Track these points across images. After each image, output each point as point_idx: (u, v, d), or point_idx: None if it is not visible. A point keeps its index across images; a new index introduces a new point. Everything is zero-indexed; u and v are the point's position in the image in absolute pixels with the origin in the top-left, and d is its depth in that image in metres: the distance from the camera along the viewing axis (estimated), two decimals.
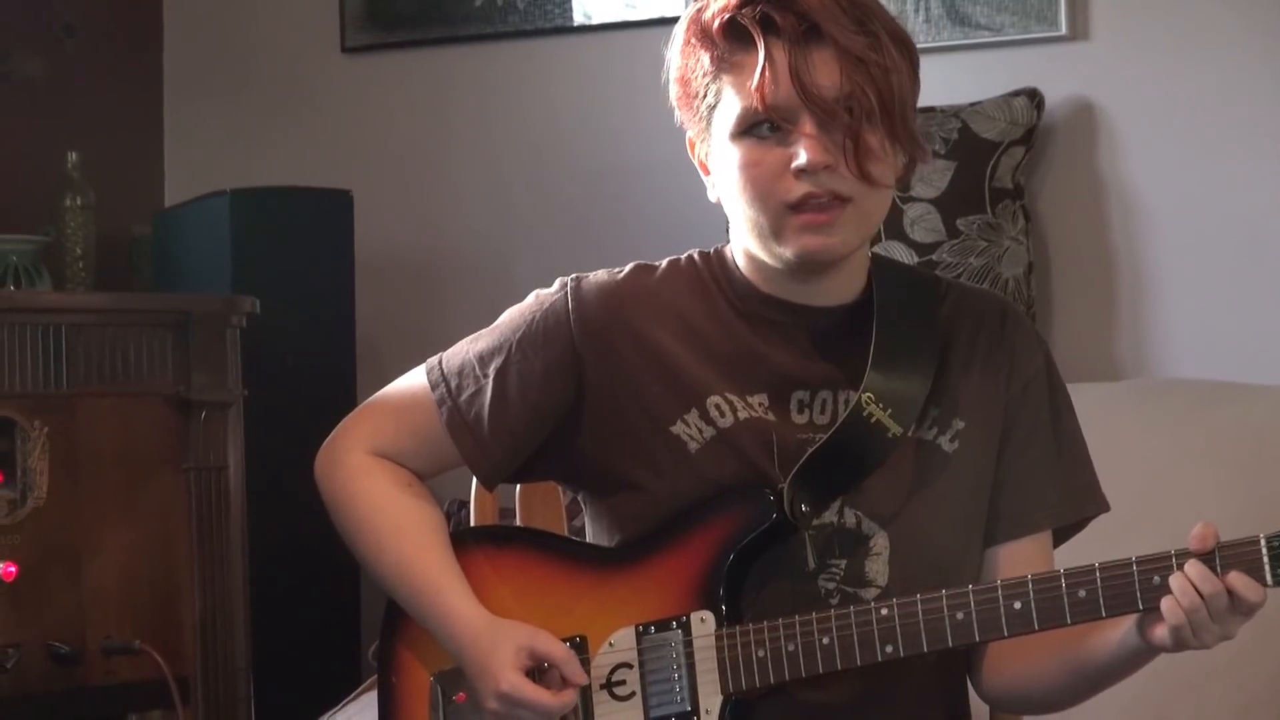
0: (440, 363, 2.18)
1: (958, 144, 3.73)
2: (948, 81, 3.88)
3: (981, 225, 3.73)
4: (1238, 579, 1.83)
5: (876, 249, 3.63)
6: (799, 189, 1.97)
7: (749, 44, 1.97)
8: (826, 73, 1.95)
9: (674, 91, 2.08)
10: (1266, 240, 3.73)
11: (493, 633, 2.04)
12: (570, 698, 2.02)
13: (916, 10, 3.93)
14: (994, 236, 3.73)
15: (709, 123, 2.04)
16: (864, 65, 1.94)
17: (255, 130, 4.62)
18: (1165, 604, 1.85)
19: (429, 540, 2.14)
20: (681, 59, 2.05)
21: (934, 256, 3.71)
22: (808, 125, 1.96)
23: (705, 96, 2.03)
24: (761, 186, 2.00)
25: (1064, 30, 3.85)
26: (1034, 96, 3.79)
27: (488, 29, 4.39)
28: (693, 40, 2.03)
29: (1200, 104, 3.77)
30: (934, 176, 3.73)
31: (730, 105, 2.00)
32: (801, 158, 1.96)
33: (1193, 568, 1.85)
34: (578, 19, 4.31)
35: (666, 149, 4.04)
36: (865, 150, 1.95)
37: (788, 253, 2.02)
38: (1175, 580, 1.85)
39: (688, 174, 2.16)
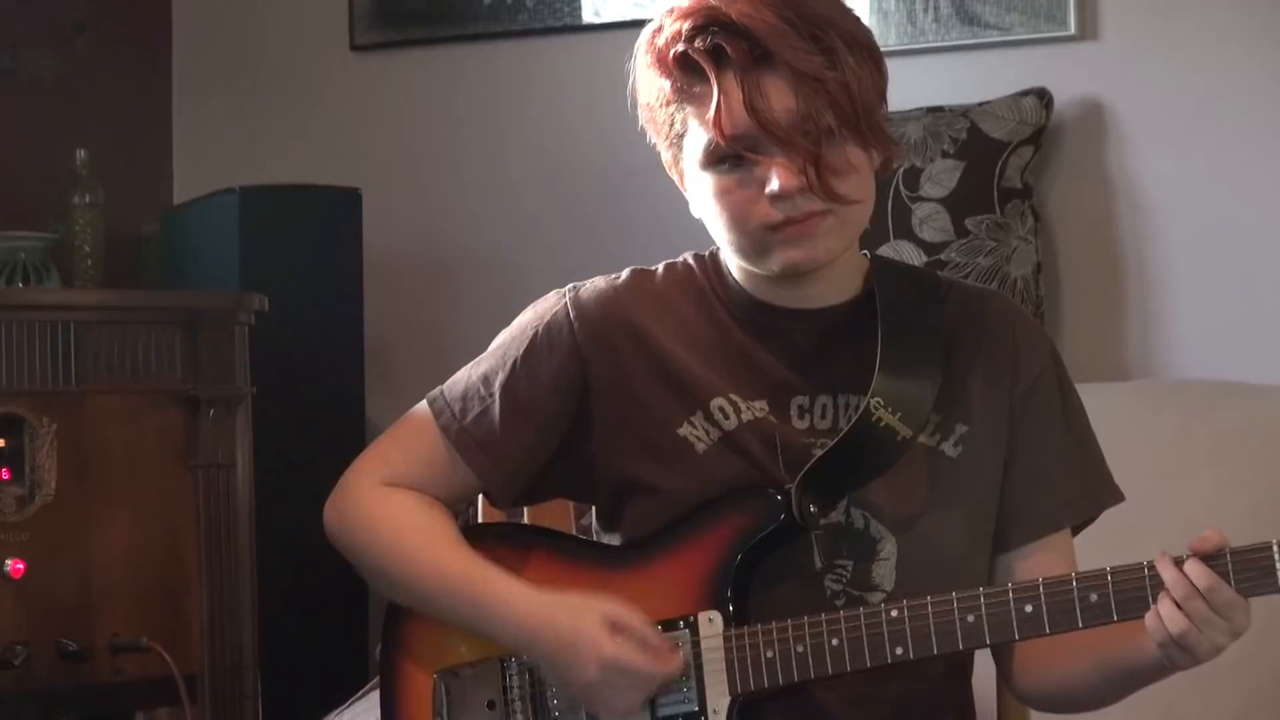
0: (442, 392, 2.17)
1: (966, 143, 3.73)
2: (956, 81, 3.88)
3: (990, 225, 3.73)
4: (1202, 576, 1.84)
5: (884, 249, 3.65)
6: (776, 214, 1.97)
7: (704, 76, 1.96)
8: (781, 98, 1.93)
9: (642, 114, 2.08)
10: (1275, 240, 3.72)
11: (569, 607, 2.00)
12: (679, 662, 1.98)
13: (925, 10, 3.93)
14: (1002, 236, 3.73)
15: (680, 149, 2.04)
16: (820, 85, 1.92)
17: (264, 128, 4.63)
18: (1164, 609, 1.85)
19: (461, 547, 2.11)
20: (643, 83, 2.05)
21: (942, 256, 3.71)
22: (772, 152, 1.95)
23: (672, 125, 2.03)
24: (738, 213, 2.00)
25: (1073, 30, 3.84)
26: (1043, 96, 3.79)
27: (497, 27, 4.39)
28: (651, 66, 2.02)
29: (1209, 104, 3.77)
30: (942, 176, 3.73)
31: (696, 136, 2.00)
32: (774, 185, 1.95)
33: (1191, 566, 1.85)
34: (587, 17, 4.31)
35: None
36: (829, 170, 1.94)
37: (773, 267, 2.02)
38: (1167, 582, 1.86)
39: None
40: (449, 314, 4.38)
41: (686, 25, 1.97)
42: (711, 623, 2.01)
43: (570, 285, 2.16)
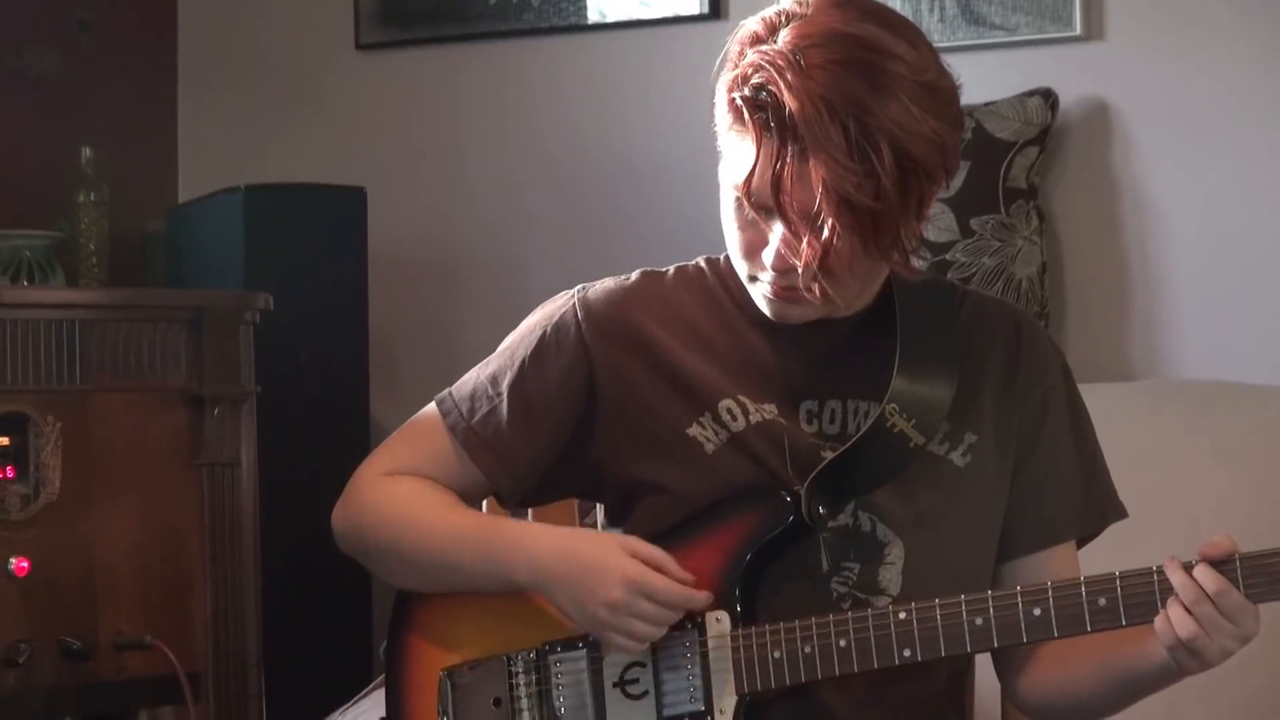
0: (450, 393, 2.17)
1: (971, 143, 3.73)
2: (962, 81, 3.88)
3: (995, 225, 3.73)
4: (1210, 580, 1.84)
5: None
6: (766, 273, 1.97)
7: (749, 132, 1.92)
8: (806, 188, 1.88)
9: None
10: None
11: (590, 536, 2.03)
12: (705, 595, 1.99)
13: (931, 10, 3.93)
14: (1007, 236, 3.73)
15: (722, 152, 2.00)
16: (847, 203, 1.86)
17: (269, 127, 4.63)
18: (1174, 613, 1.86)
19: (469, 508, 2.14)
20: (720, 84, 1.98)
21: (947, 256, 3.71)
22: (781, 226, 1.92)
23: (720, 135, 1.99)
24: (740, 250, 2.00)
25: (1078, 30, 3.84)
26: (1048, 96, 3.79)
27: (502, 26, 4.39)
28: (721, 86, 1.97)
29: (1214, 104, 3.76)
30: None
31: (728, 165, 1.97)
32: (767, 256, 1.95)
33: (1201, 570, 1.86)
34: (592, 17, 4.30)
35: (680, 147, 4.07)
36: (826, 270, 1.91)
37: (758, 303, 2.03)
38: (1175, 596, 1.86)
39: (701, 172, 2.16)
40: (453, 313, 4.38)
41: (753, 78, 1.90)
42: (719, 623, 2.01)
43: (579, 286, 2.16)
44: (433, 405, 2.18)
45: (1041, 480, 2.10)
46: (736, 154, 1.95)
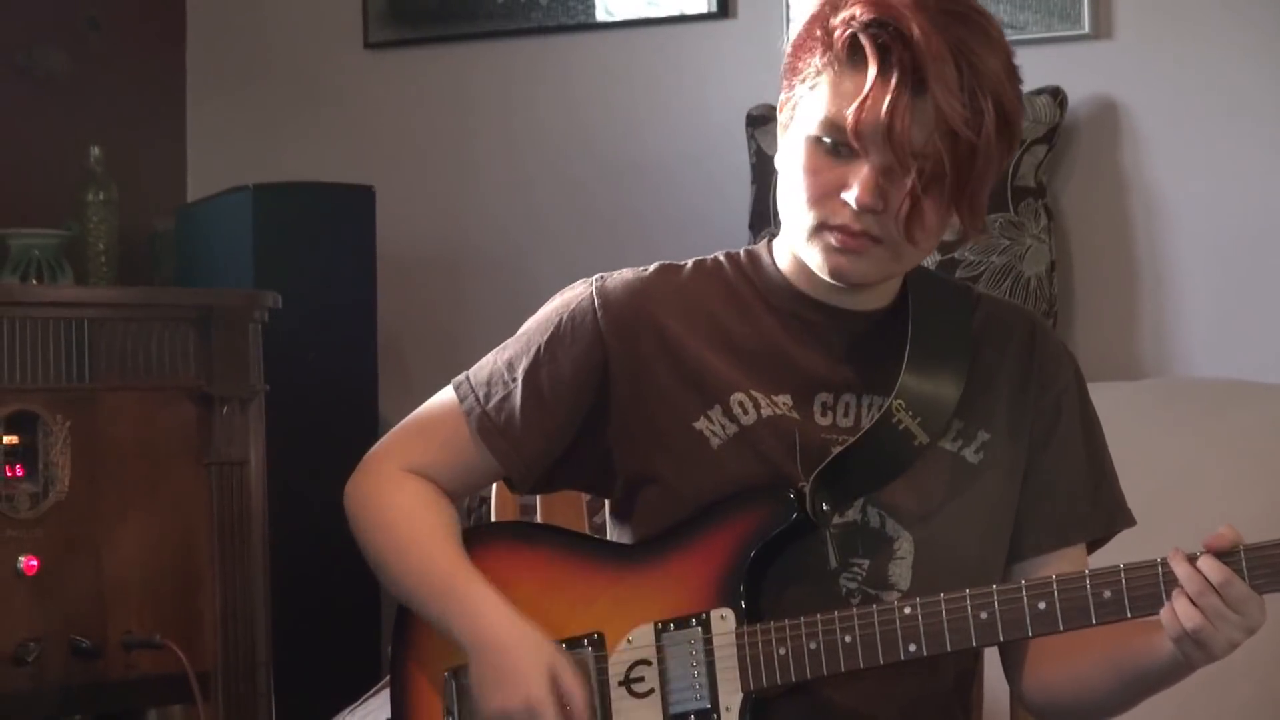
0: (467, 377, 2.18)
1: None
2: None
3: (1004, 223, 3.73)
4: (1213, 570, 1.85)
5: None
6: (840, 216, 1.96)
7: (862, 64, 1.92)
8: (918, 125, 1.90)
9: (785, 56, 2.03)
10: None
11: (529, 640, 2.03)
12: None
13: None
14: (1016, 235, 3.73)
15: (797, 106, 2.00)
16: (954, 137, 1.90)
17: (278, 125, 4.63)
18: (1179, 604, 1.86)
19: (455, 547, 2.13)
20: (803, 33, 2.00)
21: (956, 255, 3.71)
22: (876, 162, 1.93)
23: (805, 81, 1.99)
24: (811, 194, 1.98)
25: (1087, 29, 3.84)
26: (1057, 95, 3.79)
27: (510, 25, 4.39)
28: (818, 28, 1.98)
29: (1223, 102, 3.76)
30: None
31: (819, 105, 1.96)
32: (852, 193, 1.94)
33: (1204, 561, 1.86)
34: (600, 15, 4.31)
35: (687, 145, 4.07)
36: (918, 214, 1.93)
37: (814, 261, 2.01)
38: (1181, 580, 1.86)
39: (707, 171, 2.16)
40: (462, 311, 4.39)
41: (867, 14, 1.93)
42: (724, 620, 2.00)
43: (598, 275, 2.16)
44: (450, 389, 2.19)
45: (1052, 482, 2.10)
46: (833, 91, 1.95)
